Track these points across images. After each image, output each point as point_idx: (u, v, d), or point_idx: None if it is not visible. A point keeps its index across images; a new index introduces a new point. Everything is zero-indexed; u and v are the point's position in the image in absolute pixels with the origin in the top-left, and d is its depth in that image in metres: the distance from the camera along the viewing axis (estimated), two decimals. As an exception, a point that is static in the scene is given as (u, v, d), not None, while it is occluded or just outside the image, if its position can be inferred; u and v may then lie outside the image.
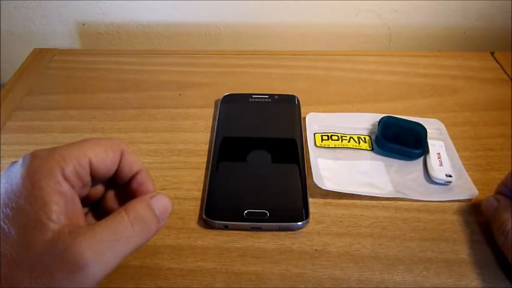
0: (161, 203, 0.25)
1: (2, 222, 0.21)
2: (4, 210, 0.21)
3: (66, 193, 0.22)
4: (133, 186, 0.26)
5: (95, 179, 0.25)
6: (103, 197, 0.28)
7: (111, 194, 0.27)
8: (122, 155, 0.26)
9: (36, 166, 0.22)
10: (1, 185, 0.22)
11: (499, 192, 0.32)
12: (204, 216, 0.33)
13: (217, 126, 0.41)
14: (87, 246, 0.21)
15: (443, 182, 0.36)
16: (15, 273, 0.20)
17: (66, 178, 0.23)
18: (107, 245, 0.22)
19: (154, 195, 0.25)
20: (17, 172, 0.22)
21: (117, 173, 0.26)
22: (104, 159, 0.25)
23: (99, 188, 0.27)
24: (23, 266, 0.20)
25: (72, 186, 0.23)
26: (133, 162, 0.26)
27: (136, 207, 0.24)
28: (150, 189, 0.27)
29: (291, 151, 0.38)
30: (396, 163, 0.38)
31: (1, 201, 0.21)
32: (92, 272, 0.21)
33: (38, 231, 0.21)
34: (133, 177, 0.27)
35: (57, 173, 0.22)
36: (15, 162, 0.23)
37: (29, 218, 0.21)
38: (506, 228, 0.29)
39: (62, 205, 0.22)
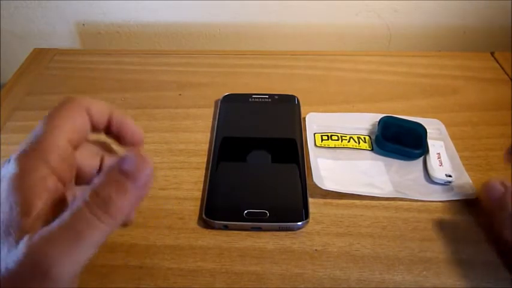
0: (130, 164, 0.20)
1: None
2: None
3: None
4: (116, 133, 0.25)
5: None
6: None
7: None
8: (87, 112, 0.24)
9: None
10: None
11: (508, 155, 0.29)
12: (204, 216, 0.33)
13: (217, 126, 0.41)
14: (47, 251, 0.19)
15: (443, 182, 0.36)
16: None
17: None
18: (68, 247, 0.19)
19: (119, 161, 0.20)
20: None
21: (93, 130, 0.25)
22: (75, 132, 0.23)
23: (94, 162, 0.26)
24: None
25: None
26: (100, 112, 0.24)
27: (97, 190, 0.20)
28: (129, 128, 0.25)
29: (291, 151, 0.38)
30: (396, 163, 0.38)
31: None
32: (58, 276, 0.19)
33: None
34: (110, 125, 0.25)
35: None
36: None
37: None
38: None
39: None
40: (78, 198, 0.20)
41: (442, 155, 0.38)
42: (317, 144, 0.39)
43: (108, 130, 0.26)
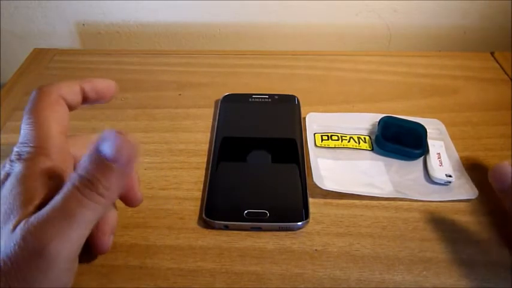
0: (109, 146, 0.21)
1: None
2: None
3: None
4: (94, 99, 0.27)
5: None
6: None
7: None
8: (66, 103, 0.26)
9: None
10: None
11: None
12: (204, 216, 0.33)
13: (217, 126, 0.41)
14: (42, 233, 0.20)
15: (443, 182, 0.36)
16: None
17: None
18: (61, 225, 0.21)
19: (98, 142, 0.21)
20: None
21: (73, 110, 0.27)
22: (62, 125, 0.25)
23: None
24: None
25: None
26: (72, 94, 0.26)
27: (83, 171, 0.21)
28: (102, 89, 0.27)
29: (291, 151, 0.38)
30: (396, 163, 0.38)
31: None
32: (54, 254, 0.20)
33: None
34: (86, 96, 0.27)
35: None
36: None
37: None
38: None
39: None
40: (67, 181, 0.21)
41: (442, 155, 0.38)
42: (317, 144, 0.39)
43: (85, 101, 0.27)
